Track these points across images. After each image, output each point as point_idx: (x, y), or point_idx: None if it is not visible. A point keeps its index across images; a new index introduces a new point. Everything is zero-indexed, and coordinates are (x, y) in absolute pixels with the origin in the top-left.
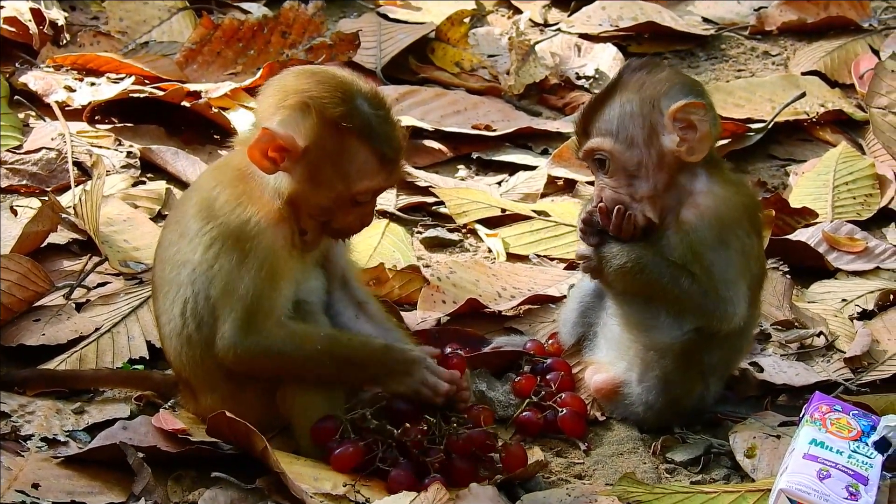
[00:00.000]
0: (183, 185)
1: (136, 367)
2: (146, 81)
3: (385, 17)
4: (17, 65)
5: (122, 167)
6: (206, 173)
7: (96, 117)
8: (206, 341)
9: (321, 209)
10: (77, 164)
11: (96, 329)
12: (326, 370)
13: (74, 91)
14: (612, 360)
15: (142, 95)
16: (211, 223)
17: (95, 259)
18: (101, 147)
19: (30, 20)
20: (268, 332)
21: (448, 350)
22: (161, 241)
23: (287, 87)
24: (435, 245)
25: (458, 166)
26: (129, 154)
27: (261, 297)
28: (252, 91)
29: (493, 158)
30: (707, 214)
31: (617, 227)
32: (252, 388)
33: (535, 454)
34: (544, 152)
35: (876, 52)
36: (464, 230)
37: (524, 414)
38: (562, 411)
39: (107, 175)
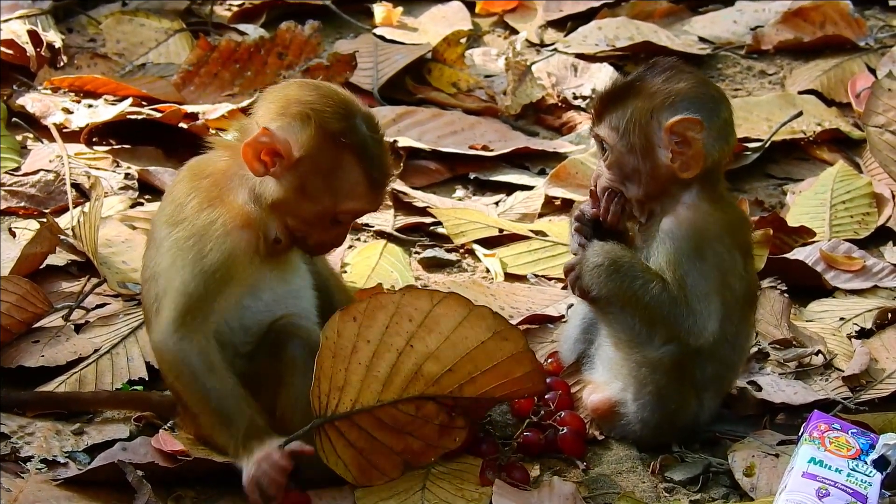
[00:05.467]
0: None
1: (135, 387)
2: (143, 103)
3: (381, 38)
4: (14, 87)
5: (120, 189)
6: (180, 183)
7: (94, 139)
8: None
9: (301, 221)
10: (75, 185)
11: (95, 350)
12: (199, 408)
13: (72, 113)
14: (608, 380)
15: (139, 117)
16: (178, 227)
17: (94, 280)
18: (98, 169)
19: (27, 42)
20: (194, 338)
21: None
22: (143, 262)
23: (290, 97)
24: (433, 265)
25: (456, 186)
26: (126, 175)
27: (204, 298)
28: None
29: (491, 178)
30: (685, 225)
31: (606, 210)
32: (259, 402)
33: (534, 473)
34: (541, 172)
35: (872, 71)
36: (461, 250)
37: (526, 434)
38: (562, 430)
39: (105, 196)
